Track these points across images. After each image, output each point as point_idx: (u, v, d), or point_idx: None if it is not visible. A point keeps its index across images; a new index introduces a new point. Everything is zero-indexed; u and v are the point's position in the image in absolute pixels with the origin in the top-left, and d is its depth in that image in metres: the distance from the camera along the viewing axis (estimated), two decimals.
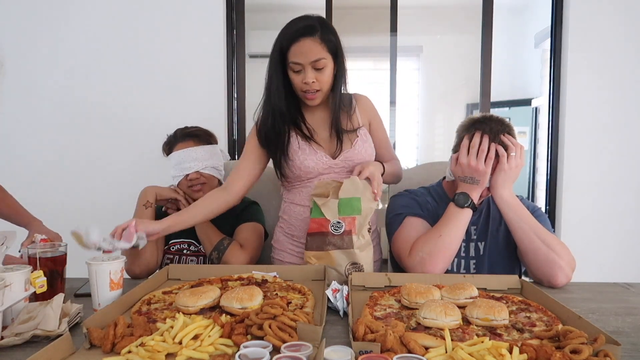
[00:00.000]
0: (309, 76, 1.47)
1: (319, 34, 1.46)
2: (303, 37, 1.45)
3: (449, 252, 1.41)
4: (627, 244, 2.71)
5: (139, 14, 2.69)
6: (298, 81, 1.49)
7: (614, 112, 2.67)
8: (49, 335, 0.95)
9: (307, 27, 1.46)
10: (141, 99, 2.71)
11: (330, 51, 1.48)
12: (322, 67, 1.47)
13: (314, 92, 1.51)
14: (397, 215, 1.55)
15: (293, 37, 1.46)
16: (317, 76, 1.48)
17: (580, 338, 0.85)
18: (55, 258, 1.20)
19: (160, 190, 1.68)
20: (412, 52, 4.79)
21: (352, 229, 1.40)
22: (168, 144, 1.76)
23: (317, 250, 1.42)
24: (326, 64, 1.48)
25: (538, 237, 1.39)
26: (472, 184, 1.44)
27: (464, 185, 1.46)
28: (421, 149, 4.89)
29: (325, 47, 1.47)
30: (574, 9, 2.65)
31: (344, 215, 1.41)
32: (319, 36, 1.45)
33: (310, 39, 1.45)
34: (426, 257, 1.40)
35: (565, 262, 1.36)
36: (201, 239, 1.66)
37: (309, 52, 1.45)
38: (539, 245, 1.38)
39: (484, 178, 1.42)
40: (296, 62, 1.46)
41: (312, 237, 1.43)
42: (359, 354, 0.82)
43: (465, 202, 1.43)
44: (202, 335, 0.91)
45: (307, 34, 1.45)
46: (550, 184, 2.81)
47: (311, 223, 1.43)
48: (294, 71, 1.49)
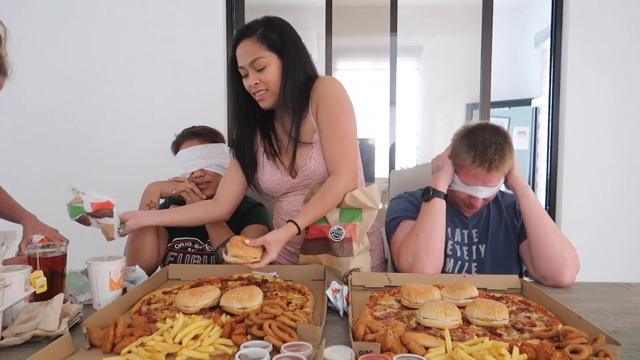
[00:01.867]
0: (251, 78, 1.41)
1: (258, 33, 1.39)
2: (242, 40, 1.41)
3: (432, 248, 1.40)
4: (627, 243, 2.71)
5: (139, 14, 2.69)
6: (247, 86, 1.44)
7: (614, 112, 2.67)
8: (49, 335, 0.95)
9: (246, 29, 1.41)
10: (141, 99, 2.71)
11: (272, 49, 1.40)
12: (261, 67, 1.39)
13: (261, 93, 1.44)
14: (394, 219, 1.56)
15: (235, 42, 1.43)
16: (260, 77, 1.40)
17: (580, 338, 0.85)
18: (55, 258, 1.19)
19: (163, 188, 1.68)
20: (412, 52, 4.79)
21: (352, 237, 1.37)
22: (175, 143, 1.78)
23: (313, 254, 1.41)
24: (267, 63, 1.39)
25: (554, 232, 1.40)
26: (437, 171, 1.49)
27: (433, 177, 1.50)
28: (421, 149, 4.89)
29: (264, 46, 1.39)
30: (574, 8, 2.65)
31: (344, 222, 1.39)
32: (257, 36, 1.39)
33: (248, 40, 1.40)
34: (411, 259, 1.40)
35: (572, 262, 1.37)
36: (210, 234, 1.66)
37: (246, 53, 1.40)
38: (554, 240, 1.39)
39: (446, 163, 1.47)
40: (240, 66, 1.42)
41: (311, 242, 1.41)
42: (359, 354, 0.83)
43: (428, 193, 1.46)
44: (202, 335, 0.91)
45: (245, 36, 1.40)
46: (550, 184, 2.81)
47: (310, 229, 1.40)
48: (243, 77, 1.45)
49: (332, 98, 1.43)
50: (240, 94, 1.50)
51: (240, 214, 1.73)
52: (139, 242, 1.59)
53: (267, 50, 1.39)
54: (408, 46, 4.59)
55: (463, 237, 1.54)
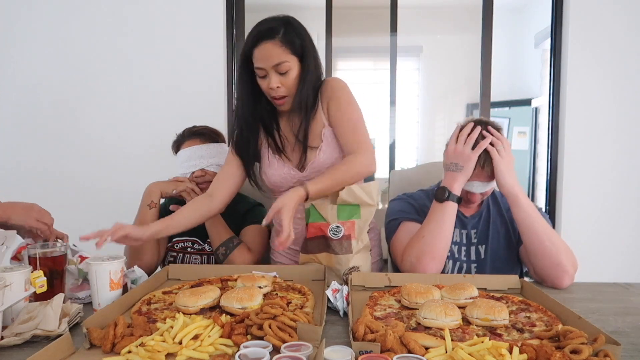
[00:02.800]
0: (273, 81, 1.41)
1: (280, 36, 1.38)
2: (263, 41, 1.38)
3: (436, 251, 1.38)
4: (627, 244, 2.71)
5: (139, 14, 2.69)
6: (265, 86, 1.44)
7: (614, 112, 2.67)
8: (49, 335, 0.95)
9: (268, 30, 1.39)
10: (141, 98, 2.71)
11: (295, 53, 1.41)
12: (285, 70, 1.40)
13: (281, 98, 1.45)
14: (393, 221, 1.55)
15: (254, 42, 1.40)
16: (282, 80, 1.41)
17: (580, 338, 0.85)
18: (55, 258, 1.19)
19: (164, 187, 1.67)
20: (412, 52, 4.78)
21: (351, 234, 1.37)
22: (176, 142, 1.78)
23: (313, 253, 1.41)
24: (290, 67, 1.41)
25: (548, 238, 1.36)
26: (456, 170, 1.41)
27: (448, 175, 1.43)
28: (421, 149, 4.89)
29: (287, 50, 1.39)
30: (574, 8, 2.65)
31: (343, 219, 1.38)
32: (280, 39, 1.38)
33: (271, 42, 1.38)
34: (414, 261, 1.38)
35: (570, 264, 1.36)
36: (210, 233, 1.65)
37: (270, 56, 1.38)
38: (549, 247, 1.35)
39: (468, 164, 1.39)
40: (259, 67, 1.41)
41: (310, 241, 1.41)
42: (359, 354, 0.82)
43: (444, 195, 1.40)
44: (202, 335, 0.91)
45: (268, 38, 1.38)
46: (550, 184, 2.81)
47: (309, 228, 1.40)
48: (259, 76, 1.44)
49: (344, 93, 1.49)
50: (250, 92, 1.49)
51: (240, 214, 1.73)
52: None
53: (290, 54, 1.40)
54: (408, 46, 4.58)
55: (462, 238, 1.54)
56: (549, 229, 1.39)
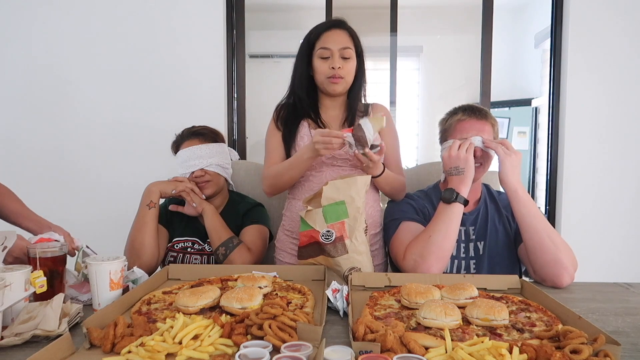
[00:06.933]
0: (337, 61, 1.54)
1: (348, 28, 1.59)
2: (334, 27, 1.58)
3: (441, 252, 1.38)
4: (627, 243, 2.71)
5: (139, 14, 2.69)
6: (325, 67, 1.55)
7: (614, 112, 2.68)
8: (49, 335, 0.95)
9: (338, 21, 1.61)
10: (141, 99, 2.72)
11: (356, 48, 1.59)
12: (348, 56, 1.56)
13: (339, 78, 1.56)
14: (393, 221, 1.55)
15: (325, 27, 1.58)
16: (344, 64, 1.55)
17: (580, 338, 0.85)
18: (55, 258, 1.19)
19: (163, 188, 1.66)
20: (412, 52, 4.78)
21: (343, 235, 1.36)
22: (176, 142, 1.78)
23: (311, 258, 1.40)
24: (352, 55, 1.57)
25: (548, 235, 1.37)
26: (458, 174, 1.45)
27: (452, 179, 1.46)
28: (421, 149, 4.88)
29: (352, 41, 1.58)
30: (574, 9, 2.65)
31: (331, 222, 1.36)
32: (349, 31, 1.59)
33: (342, 30, 1.58)
34: (418, 259, 1.39)
35: (570, 262, 1.36)
36: (210, 233, 1.64)
37: (339, 39, 1.55)
38: (549, 245, 1.36)
39: (467, 165, 1.43)
40: (325, 47, 1.55)
41: (304, 248, 1.40)
42: (359, 354, 0.82)
43: (452, 196, 1.42)
44: (202, 335, 0.91)
45: (338, 26, 1.59)
46: (550, 184, 2.81)
47: (301, 237, 1.40)
48: (321, 58, 1.55)
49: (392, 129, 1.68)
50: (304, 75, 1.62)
51: (240, 214, 1.73)
52: (139, 242, 1.59)
53: (353, 47, 1.58)
54: (408, 46, 4.58)
55: (460, 234, 1.54)
56: (549, 226, 1.40)
